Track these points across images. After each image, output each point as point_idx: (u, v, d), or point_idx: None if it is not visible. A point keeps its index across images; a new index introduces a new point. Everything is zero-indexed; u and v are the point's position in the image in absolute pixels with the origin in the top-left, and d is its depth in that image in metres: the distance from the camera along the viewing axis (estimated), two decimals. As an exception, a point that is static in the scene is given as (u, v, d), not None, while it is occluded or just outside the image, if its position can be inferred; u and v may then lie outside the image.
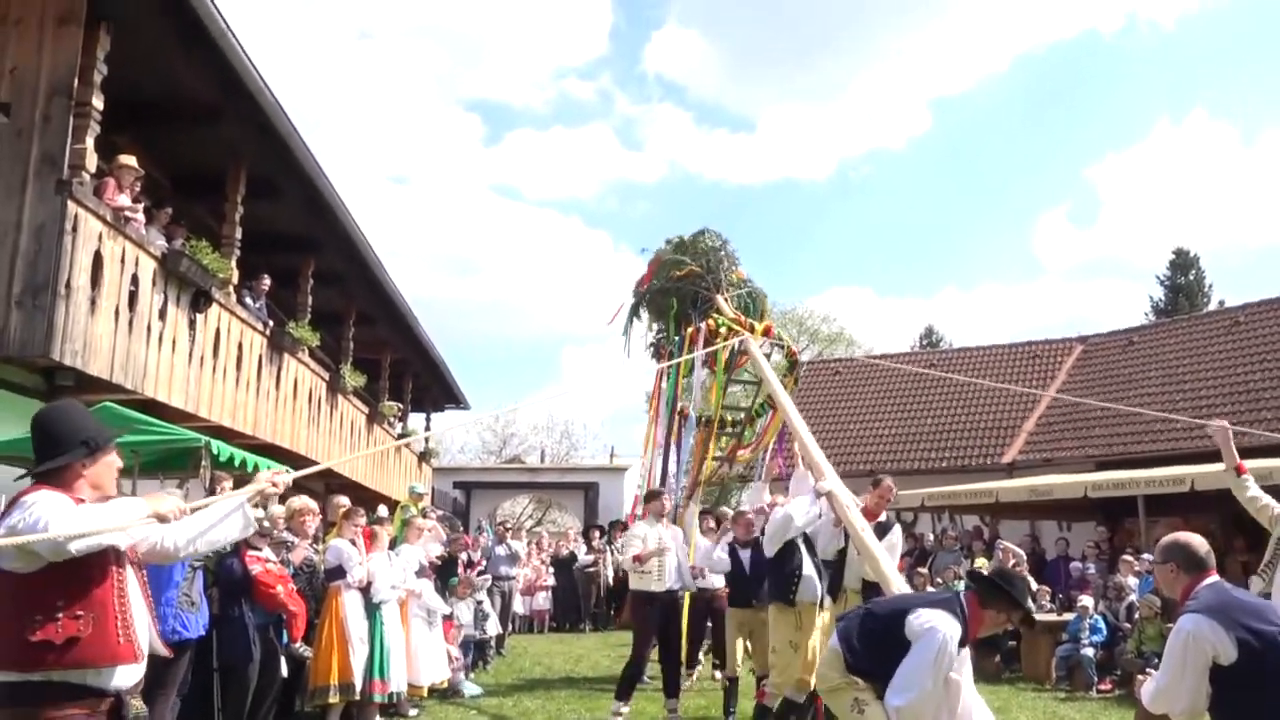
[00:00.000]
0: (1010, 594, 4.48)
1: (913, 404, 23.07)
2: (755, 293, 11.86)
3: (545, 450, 42.66)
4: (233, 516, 3.62)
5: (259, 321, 11.91)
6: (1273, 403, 16.58)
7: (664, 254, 11.75)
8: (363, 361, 17.27)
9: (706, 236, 11.77)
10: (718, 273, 11.46)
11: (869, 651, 4.48)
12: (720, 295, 11.25)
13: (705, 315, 10.98)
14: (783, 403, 9.01)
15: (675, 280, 11.40)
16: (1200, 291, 37.85)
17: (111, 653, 3.07)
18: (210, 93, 9.71)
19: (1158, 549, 4.12)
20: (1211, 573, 3.87)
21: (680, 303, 11.35)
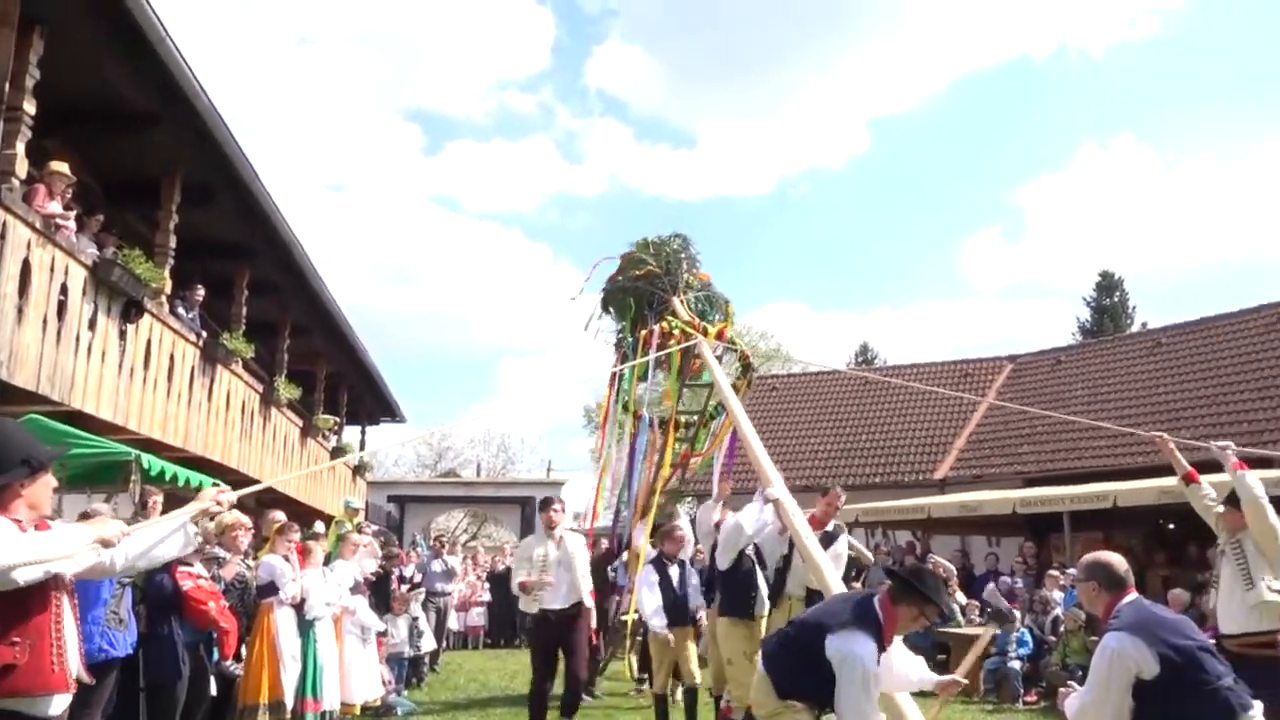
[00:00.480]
0: (920, 590, 4.54)
1: (848, 420, 23.40)
2: (715, 296, 11.77)
3: (481, 464, 42.42)
4: (174, 535, 3.59)
5: (192, 332, 11.69)
6: (1191, 421, 17.11)
7: (633, 254, 11.70)
8: (297, 373, 17.02)
9: (674, 240, 11.75)
10: (676, 274, 11.41)
11: (795, 676, 4.56)
12: (676, 297, 11.21)
13: (661, 317, 10.95)
14: (732, 408, 9.05)
15: (634, 280, 11.36)
16: (1124, 313, 39.03)
17: (45, 681, 3.02)
18: (146, 98, 9.54)
19: (1080, 567, 4.28)
20: (1131, 590, 4.03)
21: (638, 303, 11.32)
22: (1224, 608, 5.98)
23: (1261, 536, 5.89)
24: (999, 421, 21.12)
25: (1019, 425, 20.37)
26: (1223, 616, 6.00)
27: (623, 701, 10.55)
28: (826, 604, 5.08)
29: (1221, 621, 5.98)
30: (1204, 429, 16.82)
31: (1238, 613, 5.84)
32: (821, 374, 27.58)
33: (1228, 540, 6.10)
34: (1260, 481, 6.08)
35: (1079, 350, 23.65)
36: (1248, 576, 5.82)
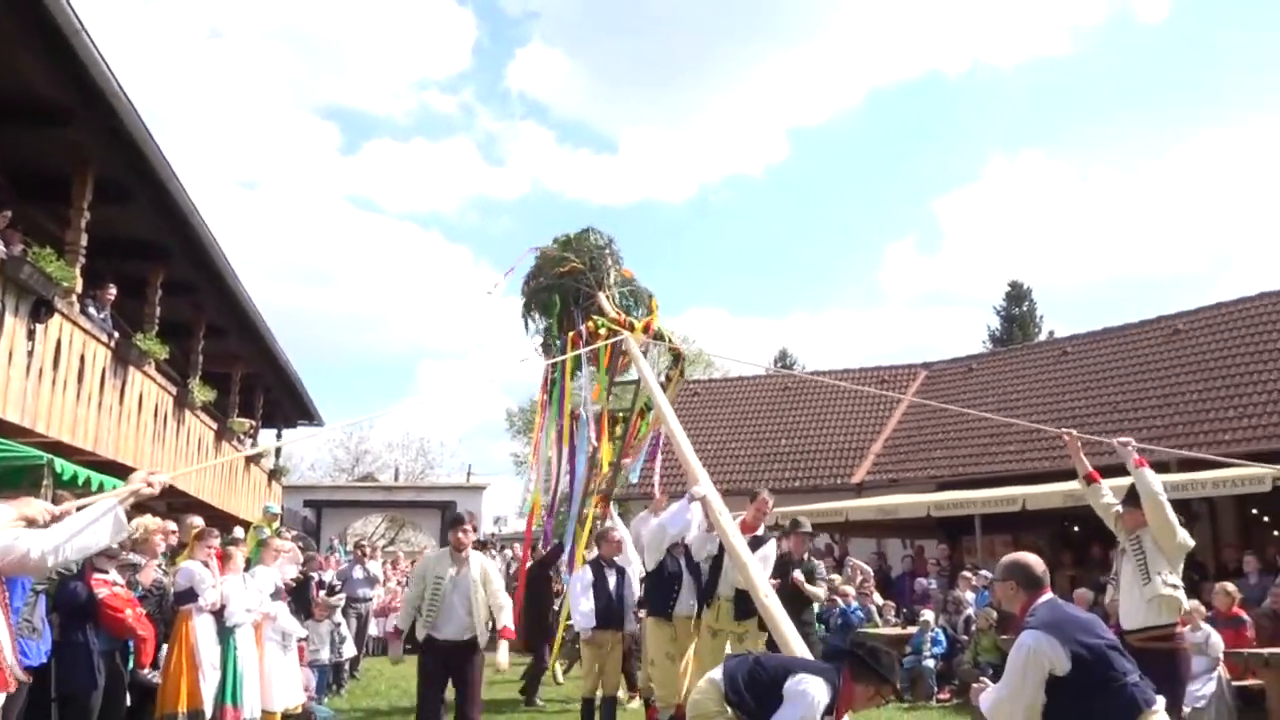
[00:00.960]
0: (878, 671, 4.84)
1: (768, 426, 23.73)
2: (639, 291, 11.75)
3: (400, 468, 41.89)
4: (104, 520, 3.46)
5: (103, 333, 11.35)
6: (1095, 427, 17.73)
7: (550, 250, 11.63)
8: (212, 375, 16.62)
9: (591, 235, 11.69)
10: (600, 270, 11.34)
11: (750, 694, 4.80)
12: (602, 293, 11.15)
13: (587, 314, 10.89)
14: (659, 403, 9.12)
15: (558, 277, 11.27)
16: (1032, 322, 40.27)
17: None
18: (59, 93, 9.26)
19: (999, 567, 4.48)
20: (1047, 590, 4.25)
21: (563, 300, 11.24)
22: (1125, 604, 6.16)
23: (1159, 532, 6.07)
24: (913, 427, 21.66)
25: (933, 431, 20.93)
26: (1124, 613, 6.17)
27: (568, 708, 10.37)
28: (798, 657, 5.35)
29: (1123, 618, 6.15)
30: (1108, 433, 17.33)
31: (1137, 608, 6.01)
32: (742, 379, 27.93)
33: (1127, 538, 6.28)
34: (1159, 479, 6.31)
35: (990, 358, 24.39)
36: (1145, 572, 5.98)
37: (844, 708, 4.82)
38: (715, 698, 4.92)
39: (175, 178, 11.49)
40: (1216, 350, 17.81)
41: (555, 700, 10.79)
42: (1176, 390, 17.42)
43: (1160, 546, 6.06)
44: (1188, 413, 16.68)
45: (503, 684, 12.23)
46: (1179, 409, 16.92)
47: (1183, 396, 17.16)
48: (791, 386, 25.78)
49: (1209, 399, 16.72)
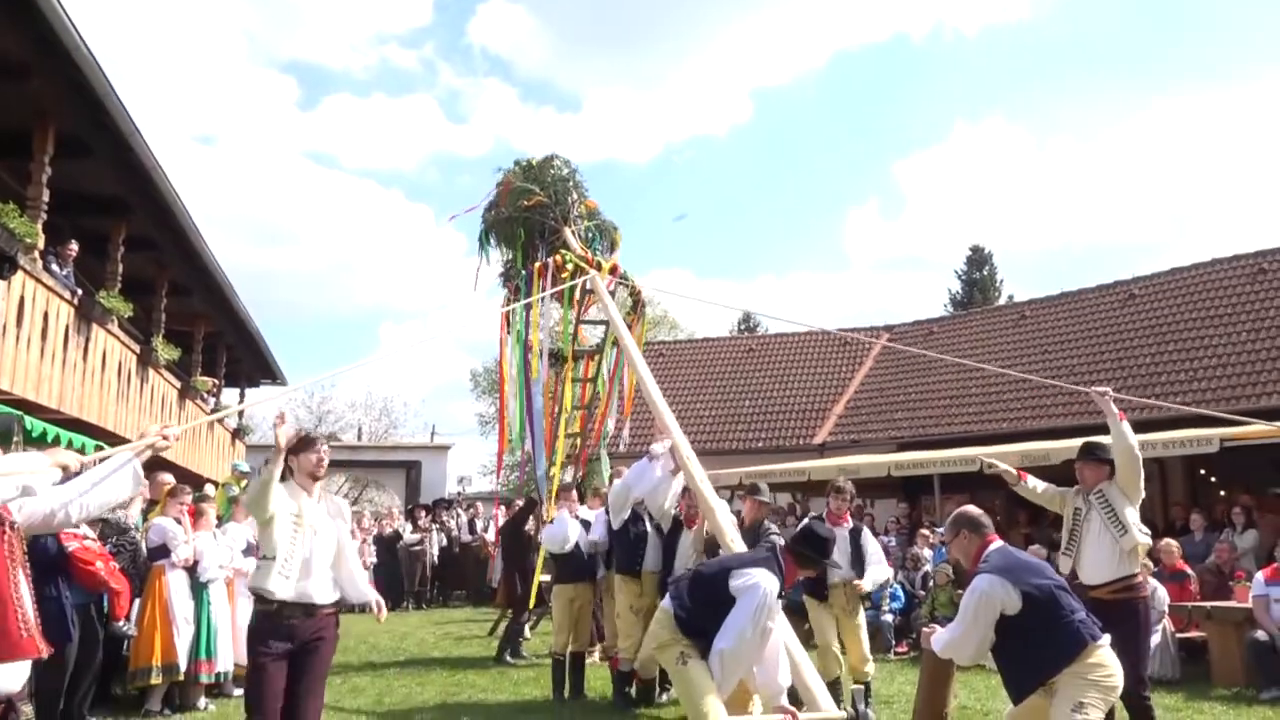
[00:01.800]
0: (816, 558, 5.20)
1: (731, 387, 23.97)
2: (605, 225, 11.53)
3: (363, 428, 41.81)
4: (122, 473, 3.47)
5: (66, 290, 11.26)
6: (1052, 390, 18.20)
7: (513, 177, 11.36)
8: (175, 334, 16.52)
9: (555, 163, 11.44)
10: (565, 204, 11.12)
11: (698, 609, 4.95)
12: (567, 227, 10.94)
13: (552, 248, 10.72)
14: (626, 345, 9.13)
15: (523, 210, 11.01)
16: (993, 286, 40.81)
17: (14, 647, 2.98)
18: (19, 47, 9.12)
19: (947, 525, 4.76)
20: (993, 536, 4.54)
21: (527, 233, 11.05)
22: (1092, 561, 6.08)
23: (1131, 483, 6.03)
24: (875, 389, 22.00)
25: (894, 393, 21.28)
26: (1089, 570, 6.11)
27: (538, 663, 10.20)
28: (733, 554, 5.47)
29: (1088, 574, 6.12)
30: (1064, 396, 17.93)
31: (1109, 561, 5.95)
32: (706, 340, 28.13)
33: (1088, 496, 6.21)
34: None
35: (950, 321, 24.75)
36: (1119, 523, 5.92)
37: (789, 583, 5.12)
38: (669, 625, 5.04)
39: (137, 132, 11.35)
40: (1170, 315, 18.24)
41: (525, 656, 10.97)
42: (1130, 353, 17.84)
43: (1128, 495, 6.03)
44: (1141, 375, 17.10)
45: (478, 641, 12.46)
46: (1132, 371, 17.34)
47: (1136, 359, 17.59)
48: (755, 348, 26.03)
49: (1161, 362, 17.16)
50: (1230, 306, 17.42)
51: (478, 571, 18.31)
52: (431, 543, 18.01)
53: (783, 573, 4.90)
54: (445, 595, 18.72)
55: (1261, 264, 17.68)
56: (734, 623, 4.74)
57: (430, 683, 9.12)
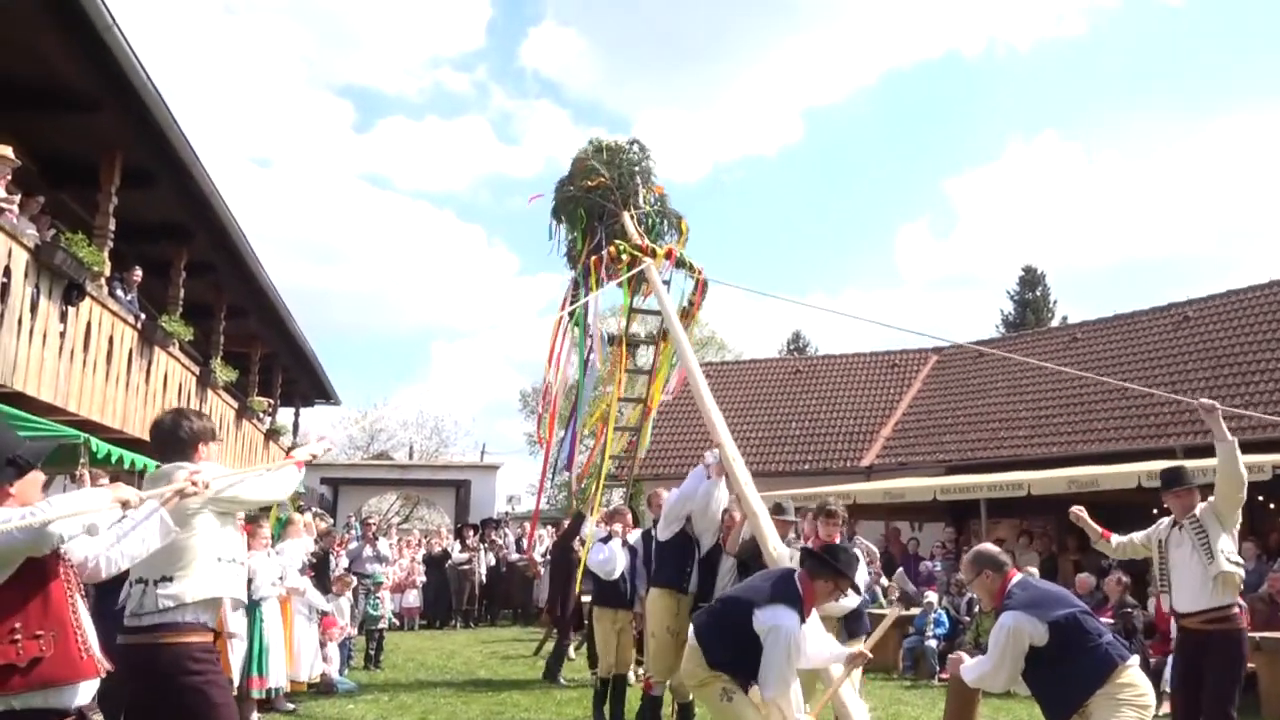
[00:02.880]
0: (834, 566, 5.03)
1: (779, 409, 23.97)
2: (668, 212, 11.18)
3: (414, 446, 42.36)
4: (149, 523, 3.46)
5: (130, 314, 11.69)
6: (1103, 414, 17.98)
7: (586, 155, 11.10)
8: (232, 355, 17.00)
9: (631, 148, 11.18)
10: (627, 187, 10.83)
11: (725, 647, 4.99)
12: (626, 212, 10.66)
13: (610, 233, 10.49)
14: (676, 335, 8.92)
15: (585, 190, 10.81)
16: (1046, 307, 40.32)
17: (75, 669, 3.09)
18: (90, 82, 9.53)
19: (966, 566, 4.85)
20: (1014, 571, 4.66)
21: (588, 214, 10.83)
22: (1182, 588, 5.93)
23: (1231, 505, 5.85)
24: (923, 412, 21.86)
25: (942, 415, 21.13)
26: (1181, 597, 5.96)
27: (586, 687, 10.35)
28: (751, 581, 5.49)
29: (1180, 602, 5.97)
30: (1113, 420, 17.72)
31: (1199, 590, 5.81)
32: (754, 362, 28.16)
33: (1180, 523, 6.00)
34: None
35: (1001, 343, 24.52)
36: (1208, 550, 5.74)
37: (809, 607, 4.99)
38: (701, 662, 5.04)
39: (199, 162, 11.77)
40: (1225, 338, 17.93)
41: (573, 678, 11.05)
42: (1184, 377, 17.56)
43: (1223, 521, 5.82)
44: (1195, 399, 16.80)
45: (523, 660, 12.60)
46: (1188, 395, 17.04)
47: (1191, 383, 17.29)
48: (803, 369, 26.02)
49: (1217, 386, 16.85)
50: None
51: (525, 591, 18.49)
52: (480, 562, 18.23)
53: (801, 600, 4.94)
54: (493, 614, 18.93)
55: (1319, 286, 17.34)
56: (770, 671, 4.76)
57: (475, 701, 9.28)
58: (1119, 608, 10.40)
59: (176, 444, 3.91)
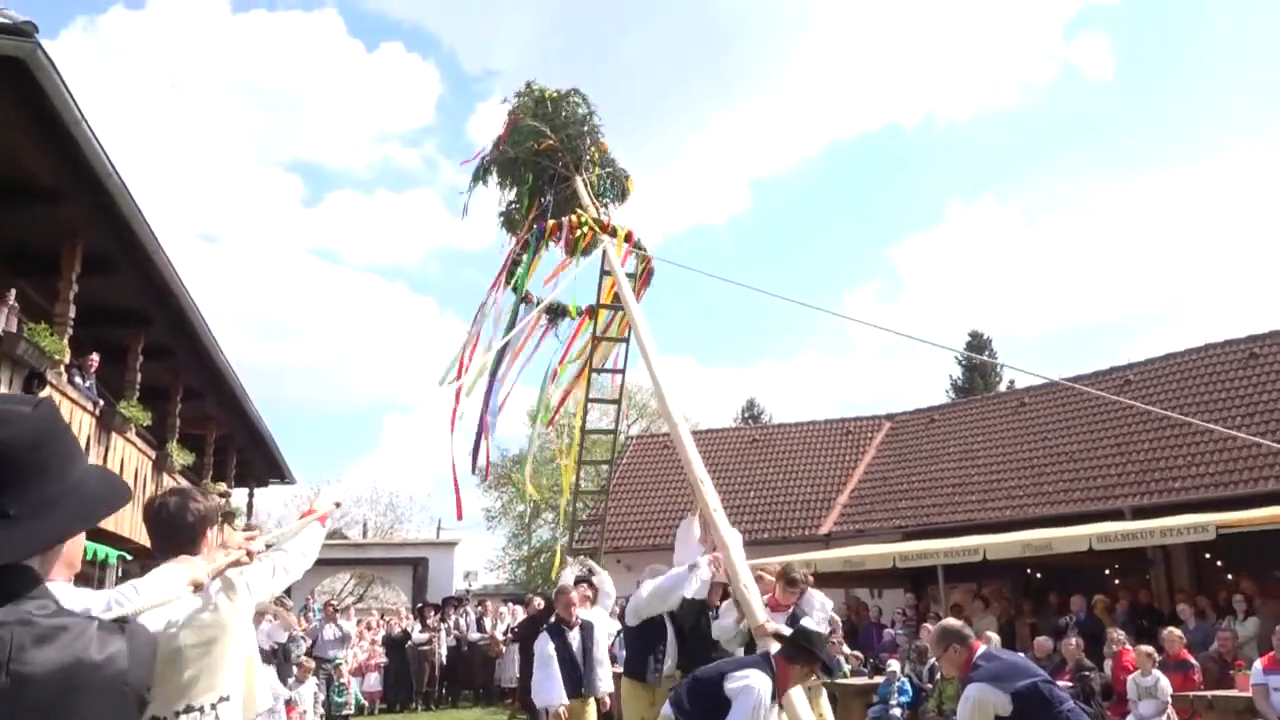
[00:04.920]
0: (810, 650, 5.20)
1: (736, 477, 24.16)
2: (618, 173, 10.70)
3: (368, 523, 41.79)
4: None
5: (89, 400, 11.64)
6: (1052, 477, 18.42)
7: (522, 111, 10.44)
8: (188, 437, 16.87)
9: (573, 99, 10.53)
10: (579, 150, 10.24)
11: (698, 714, 5.11)
12: (579, 176, 10.11)
13: (563, 200, 9.97)
14: (636, 320, 8.57)
15: (533, 154, 10.16)
16: (994, 372, 41.16)
17: None
18: (54, 175, 9.66)
19: (933, 642, 5.08)
20: (978, 643, 4.89)
21: (536, 177, 10.24)
22: None
23: None
24: (879, 478, 22.19)
25: (897, 481, 21.46)
26: None
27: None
28: (728, 659, 5.62)
29: None
30: (1063, 484, 18.15)
31: None
32: (710, 432, 28.39)
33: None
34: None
35: (951, 409, 25.03)
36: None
37: (783, 688, 5.12)
38: None
39: (160, 249, 11.87)
40: (1166, 401, 18.52)
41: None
42: (1128, 439, 18.07)
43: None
44: (1139, 461, 17.31)
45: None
46: (1131, 457, 17.56)
47: (1134, 445, 17.81)
48: (759, 438, 26.29)
49: (1158, 448, 17.39)
50: (1225, 391, 17.72)
51: (486, 670, 18.29)
52: (440, 642, 18.03)
53: (775, 675, 5.08)
54: (454, 695, 18.66)
55: (1253, 349, 18.04)
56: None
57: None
58: (1077, 670, 10.61)
59: (183, 531, 3.27)
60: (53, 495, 1.62)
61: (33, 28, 7.50)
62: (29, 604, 1.55)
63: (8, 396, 1.69)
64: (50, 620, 1.54)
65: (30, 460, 1.59)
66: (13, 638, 1.49)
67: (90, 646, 1.56)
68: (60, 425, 1.69)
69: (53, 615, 1.56)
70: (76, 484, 1.68)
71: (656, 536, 21.63)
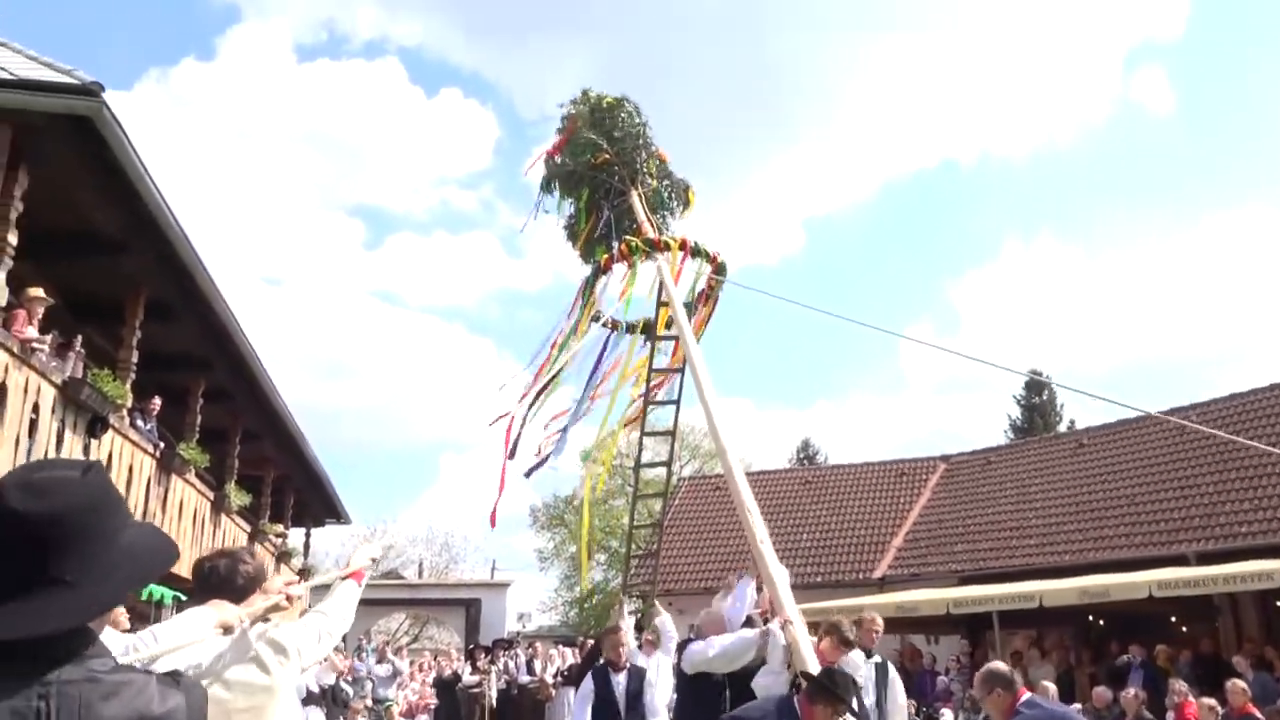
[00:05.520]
0: (833, 690, 5.07)
1: (790, 519, 23.94)
2: (675, 182, 10.52)
3: (424, 563, 42.06)
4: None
5: (149, 443, 11.95)
6: (1112, 521, 17.98)
7: (578, 119, 10.37)
8: (246, 478, 17.18)
9: (626, 109, 10.43)
10: (634, 162, 10.10)
11: None
12: (635, 191, 9.95)
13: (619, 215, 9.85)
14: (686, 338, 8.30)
15: (589, 168, 10.11)
16: (1053, 411, 40.39)
17: None
18: (119, 227, 10.00)
19: (978, 684, 4.98)
20: (1024, 690, 4.79)
21: (592, 191, 10.19)
22: None
23: None
24: (934, 521, 21.84)
25: (953, 525, 21.11)
26: None
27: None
28: (749, 704, 5.55)
29: None
30: (1124, 528, 17.70)
31: None
32: (764, 473, 28.23)
33: None
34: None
35: (1008, 450, 24.61)
36: None
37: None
38: None
39: (220, 296, 12.19)
40: (1229, 442, 18.02)
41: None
42: (1192, 482, 17.60)
43: None
44: (1203, 505, 16.84)
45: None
46: (1196, 501, 17.09)
47: (1198, 489, 17.34)
48: (813, 480, 26.07)
49: (1224, 491, 16.90)
50: (1292, 433, 17.22)
51: (536, 714, 18.21)
52: (490, 684, 18.02)
53: (797, 717, 5.00)
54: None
55: (1322, 389, 17.53)
56: None
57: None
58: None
59: (232, 593, 3.26)
60: (108, 560, 1.67)
61: (99, 87, 7.83)
62: (92, 661, 1.62)
63: (57, 462, 1.75)
64: (113, 676, 1.62)
65: (85, 527, 1.64)
66: (81, 695, 1.57)
67: (152, 701, 1.64)
68: (111, 490, 1.75)
69: (114, 671, 1.64)
70: (129, 547, 1.73)
71: (709, 580, 21.46)
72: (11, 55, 8.62)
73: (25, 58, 8.58)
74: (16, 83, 7.77)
